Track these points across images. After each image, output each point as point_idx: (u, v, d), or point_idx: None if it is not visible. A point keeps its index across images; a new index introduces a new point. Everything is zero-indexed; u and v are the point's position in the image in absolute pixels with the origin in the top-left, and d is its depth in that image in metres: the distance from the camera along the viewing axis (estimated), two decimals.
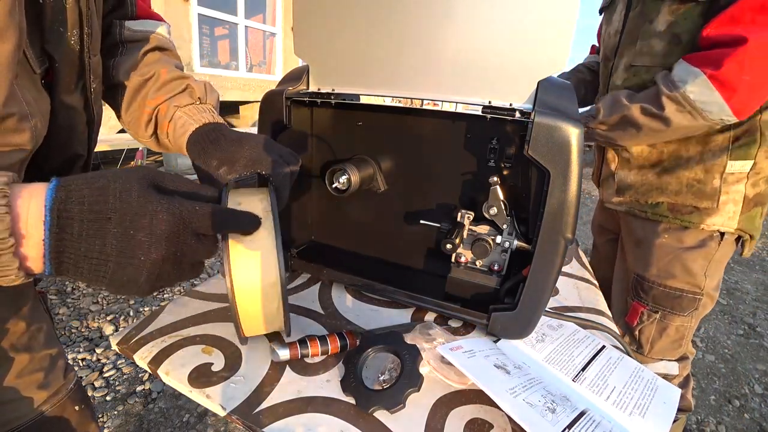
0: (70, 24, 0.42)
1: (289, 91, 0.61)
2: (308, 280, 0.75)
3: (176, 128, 0.56)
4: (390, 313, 0.67)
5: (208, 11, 5.24)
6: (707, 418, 1.68)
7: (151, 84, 0.57)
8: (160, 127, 0.58)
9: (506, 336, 0.60)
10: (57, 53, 0.41)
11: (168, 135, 0.57)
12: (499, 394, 0.45)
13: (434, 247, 0.71)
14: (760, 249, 3.96)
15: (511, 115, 0.50)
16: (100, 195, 0.30)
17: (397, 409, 0.46)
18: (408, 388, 0.46)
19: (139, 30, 0.57)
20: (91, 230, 0.30)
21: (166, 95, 0.57)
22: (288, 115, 0.62)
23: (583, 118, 0.94)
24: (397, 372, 0.50)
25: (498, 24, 0.50)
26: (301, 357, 0.52)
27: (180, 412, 1.46)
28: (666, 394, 0.53)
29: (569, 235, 0.50)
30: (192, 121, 0.55)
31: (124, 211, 0.31)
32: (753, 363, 2.08)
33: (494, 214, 0.58)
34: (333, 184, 0.63)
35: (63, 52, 0.42)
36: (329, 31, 0.58)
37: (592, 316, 0.72)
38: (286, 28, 6.36)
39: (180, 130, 0.55)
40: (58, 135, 0.44)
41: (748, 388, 1.88)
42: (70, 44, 0.42)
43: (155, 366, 0.51)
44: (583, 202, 5.01)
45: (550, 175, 0.49)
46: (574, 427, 0.44)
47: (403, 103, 0.56)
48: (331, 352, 0.53)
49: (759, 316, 2.57)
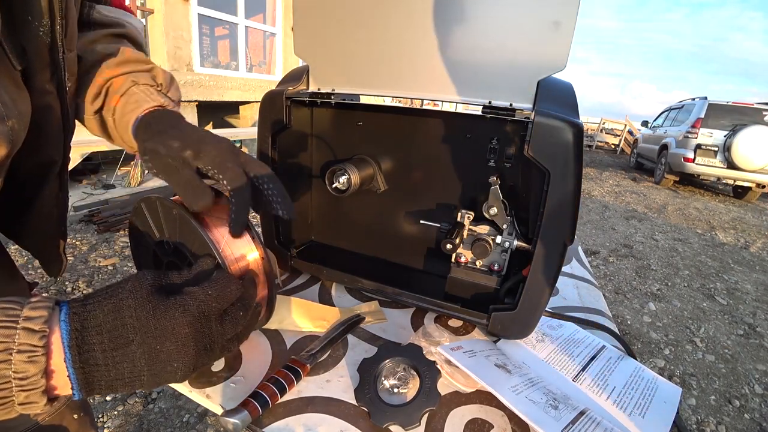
0: (39, 12, 0.37)
1: (289, 91, 0.61)
2: (308, 280, 0.75)
3: (127, 104, 0.47)
4: (390, 313, 0.67)
5: (208, 11, 5.24)
6: (707, 418, 1.67)
7: (111, 60, 0.49)
8: (107, 103, 0.48)
9: (506, 336, 0.60)
10: (28, 46, 0.37)
11: (114, 112, 0.48)
12: (502, 391, 0.45)
13: (434, 247, 0.71)
14: (760, 249, 3.96)
15: (511, 115, 0.50)
16: (116, 319, 0.30)
17: (413, 428, 0.44)
18: (426, 407, 0.46)
19: (111, 16, 0.51)
20: (117, 357, 0.29)
21: (125, 69, 0.49)
22: (288, 115, 0.62)
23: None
24: (411, 381, 0.49)
25: (498, 24, 0.50)
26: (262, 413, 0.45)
27: (180, 412, 1.46)
28: (666, 393, 0.53)
29: (569, 235, 0.50)
30: (149, 100, 0.47)
31: (144, 330, 0.30)
32: (753, 363, 2.08)
33: (494, 214, 0.58)
34: (333, 184, 0.63)
35: (33, 45, 0.37)
36: (329, 31, 0.58)
37: (592, 316, 0.72)
38: (286, 28, 6.36)
39: (131, 106, 0.47)
40: (30, 138, 0.40)
41: (748, 388, 1.88)
42: (39, 36, 0.37)
43: None
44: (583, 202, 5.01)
45: (550, 175, 0.49)
46: (575, 425, 0.44)
47: (403, 103, 0.56)
48: (289, 389, 0.48)
49: (759, 316, 2.57)
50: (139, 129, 0.45)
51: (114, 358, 0.29)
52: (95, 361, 0.29)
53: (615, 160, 10.05)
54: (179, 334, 0.31)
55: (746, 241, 4.17)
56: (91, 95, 0.48)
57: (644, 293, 2.77)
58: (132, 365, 0.30)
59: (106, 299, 0.31)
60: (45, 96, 0.40)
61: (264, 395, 0.45)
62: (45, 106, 0.41)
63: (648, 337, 2.23)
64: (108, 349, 0.29)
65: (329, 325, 0.61)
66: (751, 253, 3.84)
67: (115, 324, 0.30)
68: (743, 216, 5.32)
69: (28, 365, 0.26)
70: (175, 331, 0.31)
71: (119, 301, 0.31)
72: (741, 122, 5.77)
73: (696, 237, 4.15)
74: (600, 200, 5.39)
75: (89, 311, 0.30)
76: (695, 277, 3.13)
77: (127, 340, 0.29)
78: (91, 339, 0.29)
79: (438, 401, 0.47)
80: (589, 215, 4.57)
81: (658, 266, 3.25)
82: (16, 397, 0.26)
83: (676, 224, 4.55)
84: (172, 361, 0.31)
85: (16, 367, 0.26)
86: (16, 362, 0.26)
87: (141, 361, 0.30)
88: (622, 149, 11.45)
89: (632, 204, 5.33)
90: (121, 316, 0.30)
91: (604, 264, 3.21)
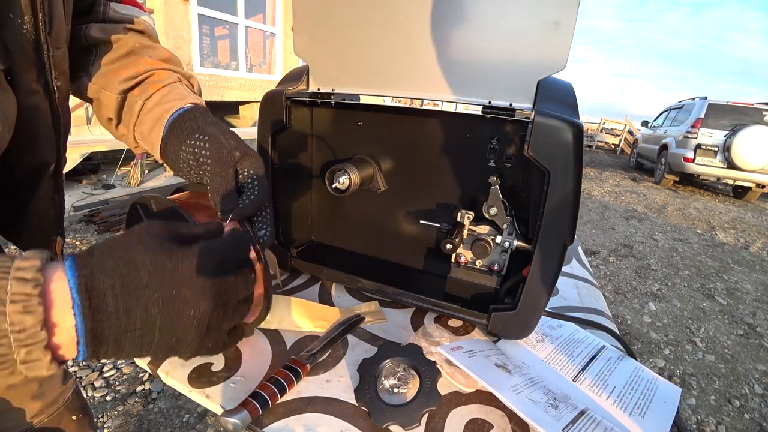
0: (20, 8, 0.35)
1: (289, 91, 0.61)
2: (308, 280, 0.75)
3: (170, 93, 0.48)
4: (390, 313, 0.67)
5: (208, 11, 5.24)
6: (707, 418, 1.67)
7: (151, 51, 0.50)
8: (144, 87, 0.49)
9: (506, 336, 0.60)
10: (11, 44, 0.36)
11: (150, 97, 0.48)
12: (502, 391, 0.45)
13: (434, 247, 0.71)
14: (760, 249, 3.96)
15: (511, 115, 0.50)
16: (128, 263, 0.28)
17: (413, 428, 0.44)
18: (426, 407, 0.46)
19: (126, 13, 0.51)
20: (130, 303, 0.27)
21: (168, 66, 0.51)
22: (288, 115, 0.62)
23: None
24: (411, 381, 0.49)
25: (498, 24, 0.50)
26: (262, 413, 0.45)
27: (180, 412, 1.46)
28: (666, 393, 0.53)
29: (569, 235, 0.50)
30: (194, 97, 0.49)
31: (161, 273, 0.28)
32: (753, 363, 2.08)
33: (494, 214, 0.58)
34: (333, 184, 0.63)
35: (16, 44, 0.36)
36: (329, 31, 0.58)
37: (592, 316, 0.72)
38: (286, 28, 6.36)
39: (175, 95, 0.48)
40: (19, 140, 0.39)
41: (748, 388, 1.88)
42: (22, 33, 0.36)
43: (155, 366, 0.51)
44: (583, 202, 5.01)
45: (550, 175, 0.49)
46: (575, 425, 0.44)
47: (403, 103, 0.56)
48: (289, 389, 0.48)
49: (759, 316, 2.57)
50: (193, 114, 0.46)
51: (126, 304, 0.27)
52: (105, 308, 0.26)
53: (615, 160, 10.05)
54: (197, 281, 0.29)
55: (746, 241, 4.17)
56: (125, 76, 0.48)
57: (644, 293, 2.77)
58: (145, 313, 0.27)
59: (115, 246, 0.29)
60: (32, 96, 0.39)
61: (264, 395, 0.45)
62: (32, 107, 0.40)
63: (648, 337, 2.23)
64: (120, 294, 0.27)
65: (329, 325, 0.61)
66: (751, 253, 3.84)
67: (127, 268, 0.27)
68: (743, 216, 5.32)
69: (24, 316, 0.24)
70: (192, 276, 0.29)
71: (130, 246, 0.29)
72: (741, 122, 5.77)
73: (696, 237, 4.15)
74: (600, 200, 5.39)
75: (96, 257, 0.28)
76: (695, 277, 3.13)
77: (141, 284, 0.27)
78: (102, 283, 0.26)
79: (438, 401, 0.47)
80: (589, 215, 4.57)
81: (658, 266, 3.25)
82: (17, 353, 0.24)
83: (676, 224, 4.55)
84: (188, 309, 0.29)
85: (12, 319, 0.24)
86: (11, 313, 0.24)
87: (155, 309, 0.28)
88: (622, 149, 11.45)
89: (632, 204, 5.33)
90: (134, 260, 0.28)
91: (604, 264, 3.21)
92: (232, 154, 0.42)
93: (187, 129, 0.44)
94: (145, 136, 0.48)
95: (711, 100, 6.10)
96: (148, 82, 0.49)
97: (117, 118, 0.50)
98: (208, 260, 0.30)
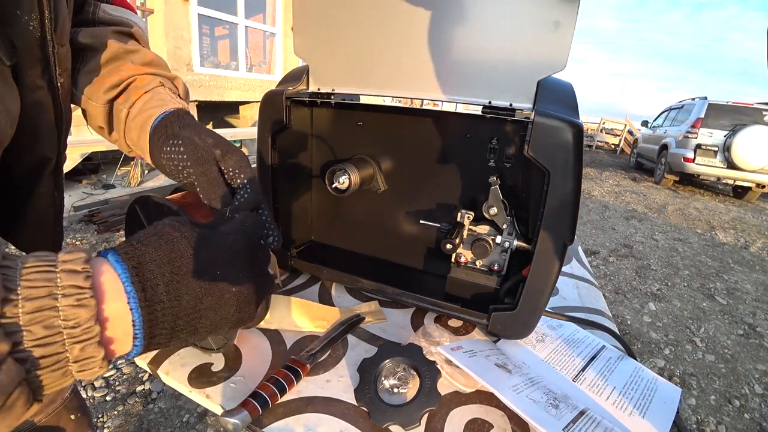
0: (27, 5, 0.36)
1: (289, 91, 0.61)
2: (308, 280, 0.75)
3: (152, 99, 0.48)
4: (390, 313, 0.67)
5: (208, 11, 5.24)
6: (707, 418, 1.67)
7: (133, 56, 0.50)
8: (127, 95, 0.49)
9: (506, 336, 0.60)
10: (17, 41, 0.36)
11: (133, 105, 0.48)
12: (502, 391, 0.45)
13: (434, 247, 0.71)
14: (760, 249, 3.96)
15: (511, 115, 0.50)
16: (172, 251, 0.28)
17: (413, 428, 0.45)
18: (426, 407, 0.46)
19: (116, 15, 0.51)
20: (181, 289, 0.27)
21: (151, 70, 0.50)
22: (288, 115, 0.62)
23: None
24: (411, 381, 0.49)
25: (498, 24, 0.50)
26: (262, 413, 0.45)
27: (180, 412, 1.45)
28: (666, 393, 0.53)
29: (569, 235, 0.50)
30: (175, 101, 0.48)
31: (204, 256, 0.29)
32: (753, 363, 2.08)
33: (494, 214, 0.58)
34: (333, 184, 0.63)
35: (23, 41, 0.36)
36: (329, 31, 0.58)
37: (592, 316, 0.72)
38: (286, 28, 6.36)
39: (156, 102, 0.47)
40: (22, 135, 0.39)
41: (748, 388, 1.88)
42: (28, 30, 0.37)
43: (155, 366, 0.51)
44: (583, 202, 5.01)
45: (550, 175, 0.49)
46: (575, 425, 0.44)
47: (403, 103, 0.56)
48: (289, 389, 0.48)
49: (759, 316, 2.58)
50: (169, 120, 0.45)
51: (178, 291, 0.27)
52: (159, 298, 0.26)
53: (615, 160, 10.05)
54: (236, 260, 0.30)
55: (746, 241, 4.17)
56: (108, 85, 0.48)
57: (644, 293, 2.77)
58: (194, 298, 0.28)
59: (152, 237, 0.28)
60: (36, 92, 0.40)
61: (264, 395, 0.45)
62: (36, 103, 0.40)
63: (648, 337, 2.23)
64: (170, 282, 0.27)
65: (329, 325, 0.61)
66: (751, 253, 3.84)
67: (172, 255, 0.28)
68: (743, 216, 5.32)
69: (78, 309, 0.23)
70: (230, 255, 0.30)
71: (167, 235, 0.29)
72: (741, 122, 5.77)
73: (696, 237, 4.15)
74: (600, 200, 5.39)
75: (139, 249, 0.27)
76: (695, 277, 3.13)
77: (189, 270, 0.28)
78: (152, 273, 0.26)
79: (438, 401, 0.47)
80: (589, 215, 4.57)
81: (658, 266, 3.25)
82: (70, 351, 0.23)
83: (676, 224, 4.55)
84: (230, 287, 0.30)
85: (65, 314, 0.22)
86: (64, 308, 0.22)
87: (202, 292, 0.28)
88: (622, 149, 11.45)
89: (632, 204, 5.33)
90: (177, 247, 0.28)
91: (604, 264, 3.21)
92: (211, 152, 0.42)
93: (162, 136, 0.44)
94: (135, 142, 0.48)
95: (711, 100, 6.10)
96: (130, 89, 0.49)
97: (108, 126, 0.51)
98: (240, 239, 0.32)
